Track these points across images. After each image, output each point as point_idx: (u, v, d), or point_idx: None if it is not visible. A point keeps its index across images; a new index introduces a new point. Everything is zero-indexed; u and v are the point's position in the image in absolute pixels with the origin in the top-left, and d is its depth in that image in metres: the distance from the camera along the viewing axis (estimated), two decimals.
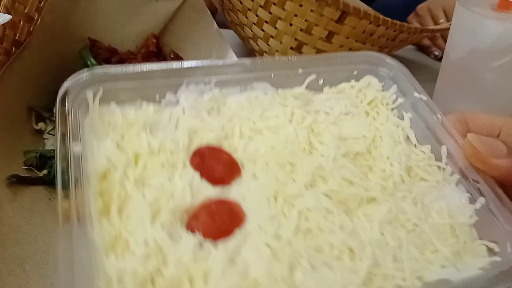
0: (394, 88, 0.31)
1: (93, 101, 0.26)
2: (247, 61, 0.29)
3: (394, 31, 0.56)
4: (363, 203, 0.26)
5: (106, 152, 0.24)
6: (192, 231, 0.23)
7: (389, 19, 0.54)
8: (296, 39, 0.56)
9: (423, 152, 0.29)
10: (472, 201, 0.26)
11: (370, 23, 0.54)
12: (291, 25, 0.55)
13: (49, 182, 0.42)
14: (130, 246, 0.22)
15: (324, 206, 0.25)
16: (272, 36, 0.58)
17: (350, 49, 0.58)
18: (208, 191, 0.25)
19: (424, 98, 0.29)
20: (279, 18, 0.55)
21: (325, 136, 0.28)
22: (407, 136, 0.29)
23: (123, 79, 0.26)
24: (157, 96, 0.27)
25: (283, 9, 0.54)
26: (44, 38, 0.45)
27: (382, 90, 0.31)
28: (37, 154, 0.43)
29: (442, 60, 0.50)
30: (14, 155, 0.42)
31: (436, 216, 0.26)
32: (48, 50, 0.47)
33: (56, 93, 0.50)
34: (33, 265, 0.34)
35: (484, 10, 0.44)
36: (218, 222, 0.23)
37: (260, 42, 0.60)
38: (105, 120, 0.26)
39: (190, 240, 0.23)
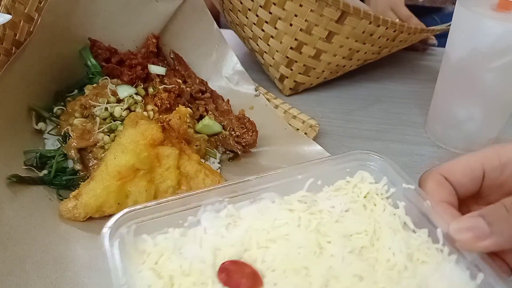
0: (385, 179, 0.33)
1: (128, 235, 0.30)
2: (252, 178, 0.33)
3: (394, 31, 0.56)
4: None
5: (146, 280, 0.27)
6: None
7: (389, 19, 0.54)
8: (296, 39, 0.56)
9: (421, 236, 0.30)
10: (473, 277, 0.28)
11: (370, 23, 0.54)
12: (291, 25, 0.55)
13: (49, 182, 0.42)
14: None
15: None
16: (272, 36, 0.58)
17: (350, 49, 0.58)
18: None
19: (412, 187, 0.31)
20: (279, 18, 0.55)
21: (331, 235, 0.31)
22: (404, 223, 0.31)
23: (149, 213, 0.30)
24: (180, 221, 0.31)
25: (283, 9, 0.54)
26: (44, 38, 0.46)
27: (375, 182, 0.34)
28: (37, 154, 0.43)
29: (442, 60, 0.50)
30: (14, 155, 0.42)
31: None
32: (48, 50, 0.47)
33: (56, 93, 0.50)
34: (33, 265, 0.34)
35: (484, 10, 0.44)
36: None
37: (260, 42, 0.60)
38: (140, 250, 0.29)
39: None
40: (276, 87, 0.64)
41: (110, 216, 0.38)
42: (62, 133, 0.45)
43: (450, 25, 0.49)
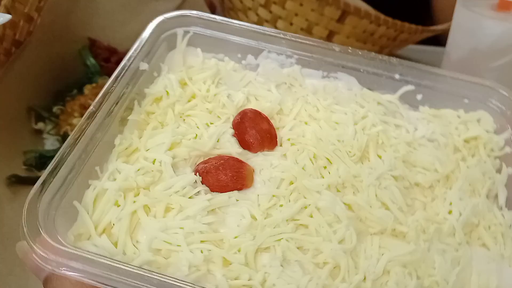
0: (508, 132, 0.26)
1: (182, 40, 0.28)
2: (336, 46, 0.27)
3: (395, 31, 0.56)
4: (386, 233, 0.24)
5: (167, 81, 0.27)
6: (195, 172, 0.25)
7: (390, 18, 0.54)
8: None
9: (504, 217, 0.24)
10: None
11: (370, 22, 0.54)
12: (291, 24, 0.55)
13: None
14: (138, 159, 0.24)
15: (336, 213, 0.23)
16: None
17: None
18: (233, 150, 0.25)
19: None
20: (280, 17, 0.55)
21: (388, 152, 0.25)
22: (496, 194, 0.25)
23: (215, 28, 0.28)
24: (239, 55, 0.28)
25: (284, 8, 0.54)
26: (44, 38, 0.45)
27: (493, 132, 0.26)
28: (37, 154, 0.43)
29: (442, 60, 0.50)
30: (14, 155, 0.42)
31: None
32: (48, 50, 0.47)
33: (56, 92, 0.50)
34: None
35: (484, 10, 0.44)
36: (221, 174, 0.24)
37: None
38: (187, 60, 0.28)
39: (188, 177, 0.24)
40: None
41: None
42: (61, 133, 0.45)
43: (450, 24, 0.49)
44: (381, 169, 0.25)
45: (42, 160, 0.43)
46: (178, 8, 0.57)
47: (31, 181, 0.42)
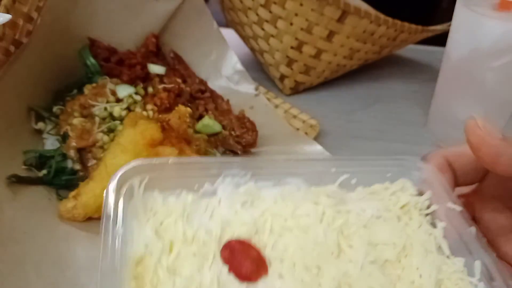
0: (428, 193, 0.29)
1: (138, 188, 0.28)
2: (281, 157, 0.30)
3: (395, 31, 0.56)
4: None
5: (145, 238, 0.26)
6: None
7: (390, 18, 0.54)
8: (296, 39, 0.56)
9: (455, 264, 0.27)
10: None
11: (371, 22, 0.53)
12: (291, 24, 0.55)
13: (48, 182, 0.42)
14: None
15: None
16: (272, 36, 0.58)
17: (350, 49, 0.58)
18: (234, 286, 0.25)
19: (458, 208, 0.28)
20: (280, 17, 0.55)
21: (354, 239, 0.28)
22: (440, 246, 0.28)
23: (165, 169, 0.28)
24: (196, 186, 0.29)
25: (284, 8, 0.54)
26: (44, 38, 0.45)
27: (416, 195, 0.30)
28: (37, 154, 0.43)
29: (443, 59, 0.50)
30: (14, 155, 0.42)
31: None
32: (47, 50, 0.47)
33: (56, 92, 0.50)
34: (33, 265, 0.34)
35: (485, 10, 0.44)
36: None
37: (260, 41, 0.60)
38: (148, 206, 0.28)
39: None
40: (276, 86, 0.63)
41: None
42: (61, 133, 0.45)
43: (450, 24, 0.49)
44: (360, 258, 0.27)
45: (42, 160, 0.43)
46: (178, 8, 0.57)
47: (31, 181, 0.42)
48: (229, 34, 0.62)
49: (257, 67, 0.66)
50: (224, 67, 0.58)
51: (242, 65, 0.58)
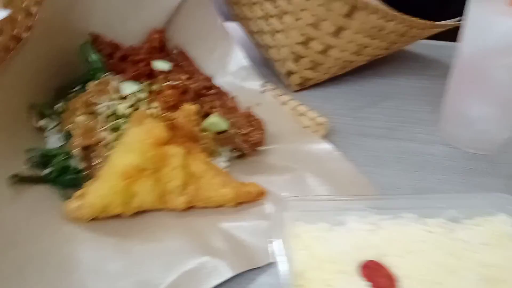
0: None
1: (289, 220, 0.35)
2: (394, 196, 0.39)
3: (404, 26, 0.55)
4: None
5: (301, 258, 0.33)
6: None
7: (399, 14, 0.53)
8: (303, 34, 0.55)
9: None
10: None
11: (379, 18, 0.52)
12: (298, 19, 0.54)
13: (51, 181, 0.41)
14: None
15: None
16: (278, 31, 0.56)
17: (359, 45, 0.56)
18: None
19: None
20: (286, 12, 0.54)
21: (467, 262, 0.32)
22: None
23: (306, 206, 0.36)
24: (329, 218, 0.36)
25: (290, 3, 0.53)
26: (44, 33, 0.44)
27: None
28: (39, 152, 0.42)
29: (455, 56, 0.49)
30: (15, 154, 0.41)
31: None
32: (48, 45, 0.45)
33: (58, 89, 0.49)
34: (37, 267, 0.33)
35: (497, 6, 0.43)
36: None
37: (266, 36, 0.59)
38: (296, 233, 0.34)
39: None
40: (282, 83, 0.62)
41: (115, 216, 0.38)
42: (64, 131, 0.44)
43: (460, 19, 0.47)
44: (474, 277, 0.31)
45: (44, 159, 0.42)
46: (182, 2, 0.56)
47: (34, 180, 0.41)
48: (233, 28, 0.61)
49: (263, 63, 0.65)
50: (229, 63, 0.57)
51: (249, 61, 0.56)
